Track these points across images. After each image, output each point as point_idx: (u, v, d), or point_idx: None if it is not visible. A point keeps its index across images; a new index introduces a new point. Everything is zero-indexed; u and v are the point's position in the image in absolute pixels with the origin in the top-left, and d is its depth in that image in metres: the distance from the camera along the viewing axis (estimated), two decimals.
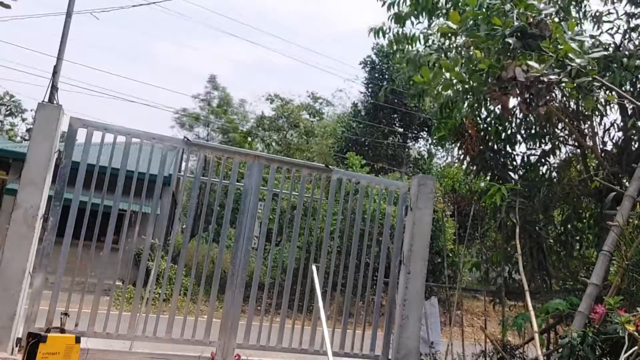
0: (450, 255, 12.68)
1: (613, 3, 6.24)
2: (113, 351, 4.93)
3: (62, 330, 4.60)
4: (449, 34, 5.67)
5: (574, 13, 6.15)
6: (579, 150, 6.40)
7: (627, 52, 5.56)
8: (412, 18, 6.52)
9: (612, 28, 6.13)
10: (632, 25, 6.00)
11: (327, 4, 61.24)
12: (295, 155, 26.18)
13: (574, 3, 6.10)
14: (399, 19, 6.52)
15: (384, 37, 6.70)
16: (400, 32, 6.64)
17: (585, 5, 6.26)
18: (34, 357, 4.23)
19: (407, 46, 6.74)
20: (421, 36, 6.61)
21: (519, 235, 5.37)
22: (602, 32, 6.12)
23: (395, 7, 6.54)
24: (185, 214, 15.40)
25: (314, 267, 5.45)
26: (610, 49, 5.74)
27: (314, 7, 62.35)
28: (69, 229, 4.91)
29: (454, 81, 5.82)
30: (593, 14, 6.28)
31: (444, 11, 6.40)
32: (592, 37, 5.53)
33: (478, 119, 6.55)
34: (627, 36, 6.01)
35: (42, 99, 5.57)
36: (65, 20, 13.14)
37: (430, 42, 6.52)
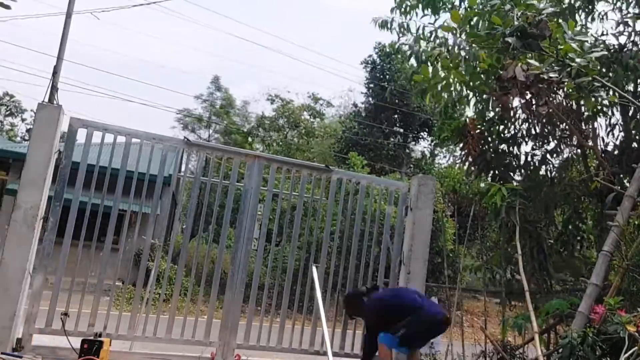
0: (450, 255, 12.67)
1: (620, 4, 6.18)
2: (113, 351, 4.92)
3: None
4: (451, 32, 5.64)
5: (578, 15, 6.11)
6: (579, 151, 6.39)
7: (629, 53, 5.54)
8: (417, 11, 6.48)
9: (617, 29, 6.07)
10: (637, 28, 5.96)
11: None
12: (296, 155, 26.11)
13: (579, 4, 6.04)
14: (404, 10, 6.49)
15: (388, 29, 6.65)
16: (405, 25, 6.59)
17: (594, 8, 6.19)
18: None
19: (410, 41, 6.69)
20: (426, 29, 6.57)
21: (519, 236, 5.36)
22: (605, 33, 6.08)
23: None
24: (185, 214, 15.39)
25: (314, 268, 5.45)
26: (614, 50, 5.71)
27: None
28: (69, 229, 4.91)
29: (455, 81, 5.80)
30: (599, 14, 6.22)
31: (449, 6, 6.38)
32: (595, 38, 5.49)
33: (481, 119, 6.54)
34: (631, 38, 5.97)
35: (42, 99, 5.56)
36: (65, 21, 13.13)
37: (433, 37, 6.47)
